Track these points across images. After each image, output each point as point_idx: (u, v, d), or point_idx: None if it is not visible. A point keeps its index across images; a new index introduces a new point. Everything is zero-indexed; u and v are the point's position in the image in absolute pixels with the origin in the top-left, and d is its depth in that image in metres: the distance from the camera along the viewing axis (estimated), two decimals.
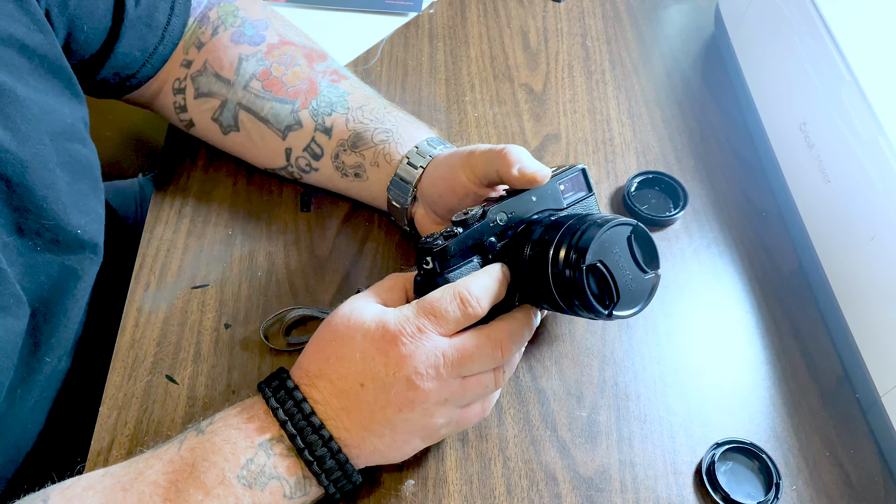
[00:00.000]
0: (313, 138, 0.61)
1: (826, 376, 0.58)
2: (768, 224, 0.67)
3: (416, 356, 0.44)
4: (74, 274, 0.52)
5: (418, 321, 0.45)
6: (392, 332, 0.45)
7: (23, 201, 0.48)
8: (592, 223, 0.45)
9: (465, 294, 0.45)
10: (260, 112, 0.62)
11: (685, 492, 0.52)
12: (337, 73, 0.64)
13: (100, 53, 0.58)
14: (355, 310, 0.47)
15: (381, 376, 0.45)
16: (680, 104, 0.76)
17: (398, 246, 0.64)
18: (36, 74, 0.50)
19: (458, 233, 0.47)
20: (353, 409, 0.45)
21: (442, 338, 0.45)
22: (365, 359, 0.45)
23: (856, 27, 0.61)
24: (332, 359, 0.46)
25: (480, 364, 0.46)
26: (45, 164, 0.49)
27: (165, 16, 0.61)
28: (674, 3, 0.88)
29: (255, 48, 0.63)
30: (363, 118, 0.61)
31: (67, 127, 0.52)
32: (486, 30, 0.83)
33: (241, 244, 0.64)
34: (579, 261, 0.43)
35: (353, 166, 0.61)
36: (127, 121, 1.09)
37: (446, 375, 0.45)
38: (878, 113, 0.55)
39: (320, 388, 0.46)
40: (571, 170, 0.52)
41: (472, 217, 0.48)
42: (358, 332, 0.46)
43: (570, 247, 0.44)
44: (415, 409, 0.45)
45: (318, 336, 0.48)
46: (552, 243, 0.45)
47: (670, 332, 0.60)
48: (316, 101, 0.61)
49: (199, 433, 0.45)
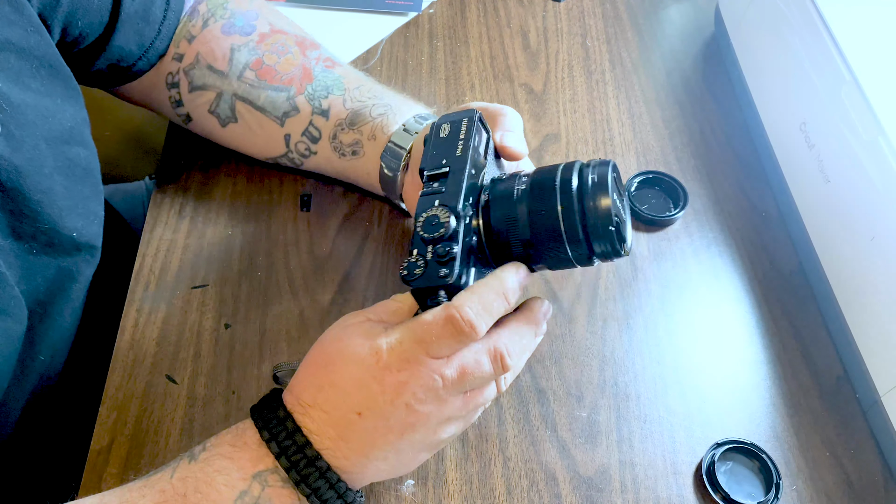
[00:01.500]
0: (311, 122, 0.61)
1: (826, 376, 0.58)
2: (768, 224, 0.67)
3: (412, 382, 0.42)
4: (70, 275, 0.52)
5: (409, 346, 0.42)
6: (385, 360, 0.42)
7: (17, 206, 0.48)
8: (586, 175, 0.43)
9: (458, 319, 0.41)
10: (256, 101, 0.62)
11: (685, 492, 0.52)
12: (331, 60, 0.64)
13: (95, 46, 0.58)
14: (347, 333, 0.44)
15: (378, 404, 0.42)
16: (680, 104, 0.76)
17: (398, 246, 0.64)
18: (35, 77, 0.50)
19: (450, 252, 0.43)
20: (351, 437, 0.43)
21: (438, 360, 0.42)
22: (360, 387, 0.42)
23: (856, 27, 0.61)
24: (326, 387, 0.43)
25: (482, 379, 0.43)
26: (40, 168, 0.49)
27: (161, 10, 0.61)
28: (674, 3, 0.88)
29: (246, 38, 0.63)
30: (361, 97, 0.61)
31: (67, 130, 0.52)
32: (486, 30, 0.83)
33: (241, 244, 0.64)
34: (609, 219, 0.43)
35: (351, 144, 0.61)
36: (127, 121, 1.09)
37: (446, 396, 0.42)
38: (878, 113, 0.55)
39: (314, 418, 0.43)
40: (471, 122, 0.47)
41: (447, 229, 0.43)
42: (351, 359, 0.43)
43: (587, 210, 0.43)
44: (417, 430, 0.43)
45: (311, 360, 0.45)
46: (558, 208, 0.43)
47: (670, 332, 0.60)
48: (311, 86, 0.61)
49: (191, 460, 0.44)
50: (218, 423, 0.54)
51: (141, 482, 0.44)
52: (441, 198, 0.45)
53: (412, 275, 0.43)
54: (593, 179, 0.44)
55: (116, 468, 0.51)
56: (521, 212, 0.45)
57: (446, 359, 0.42)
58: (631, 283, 0.62)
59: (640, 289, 0.62)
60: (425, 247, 0.43)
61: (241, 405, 0.55)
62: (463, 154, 0.46)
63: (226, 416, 0.54)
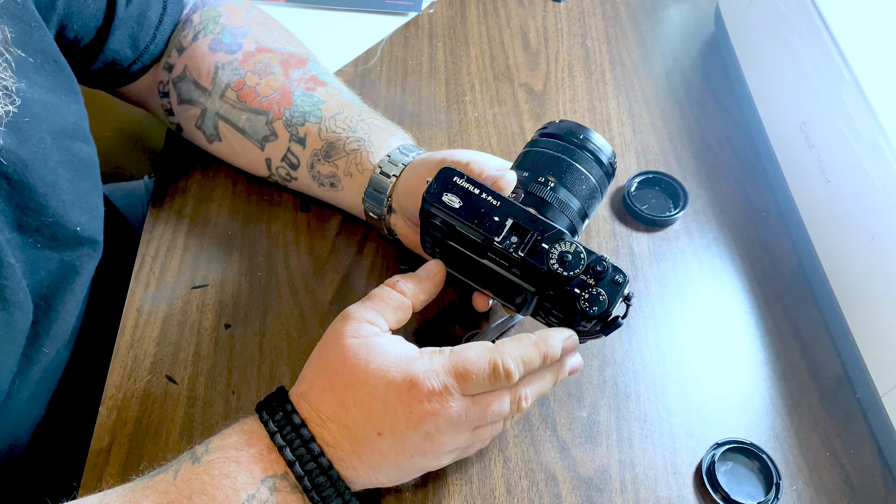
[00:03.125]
0: (289, 148, 0.61)
1: (826, 376, 0.58)
2: (768, 224, 0.67)
3: (440, 414, 0.43)
4: (73, 269, 0.53)
5: (447, 379, 0.43)
6: (419, 388, 0.43)
7: (23, 199, 0.48)
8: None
9: (500, 366, 0.43)
10: (237, 123, 0.62)
11: (685, 492, 0.52)
12: (314, 80, 0.63)
13: (90, 48, 0.58)
14: (377, 351, 0.44)
15: (400, 428, 0.43)
16: (680, 104, 0.76)
17: (398, 246, 0.64)
18: (40, 72, 0.50)
19: (602, 263, 0.45)
20: (364, 453, 0.44)
21: (467, 397, 0.44)
22: (386, 409, 0.43)
23: (856, 27, 0.61)
24: (350, 404, 0.44)
25: (499, 417, 0.45)
26: (45, 162, 0.49)
27: (157, 15, 0.61)
28: (674, 3, 0.88)
29: (231, 56, 0.62)
30: (335, 127, 0.60)
31: (70, 125, 0.52)
32: (486, 30, 0.83)
33: (241, 244, 0.64)
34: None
35: (328, 176, 0.60)
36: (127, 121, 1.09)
37: (463, 429, 0.44)
38: (878, 113, 0.55)
39: (332, 431, 0.44)
40: (461, 176, 0.48)
41: (577, 253, 0.45)
42: (381, 381, 0.43)
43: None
44: (427, 455, 0.45)
45: (332, 372, 0.45)
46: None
47: (670, 332, 0.60)
48: (289, 112, 0.61)
49: (194, 462, 0.44)
50: (218, 423, 0.54)
51: (143, 482, 0.44)
52: (542, 239, 0.46)
53: (606, 311, 0.45)
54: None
55: (116, 468, 0.51)
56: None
57: (474, 397, 0.44)
58: (631, 283, 0.62)
59: (640, 289, 0.62)
60: (580, 281, 0.45)
61: (241, 405, 0.55)
62: (497, 198, 0.47)
63: (226, 416, 0.54)
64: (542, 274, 0.46)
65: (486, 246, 0.47)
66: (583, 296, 0.45)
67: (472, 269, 0.50)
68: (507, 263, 0.47)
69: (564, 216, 0.49)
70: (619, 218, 0.67)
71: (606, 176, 0.52)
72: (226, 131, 0.63)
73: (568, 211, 0.49)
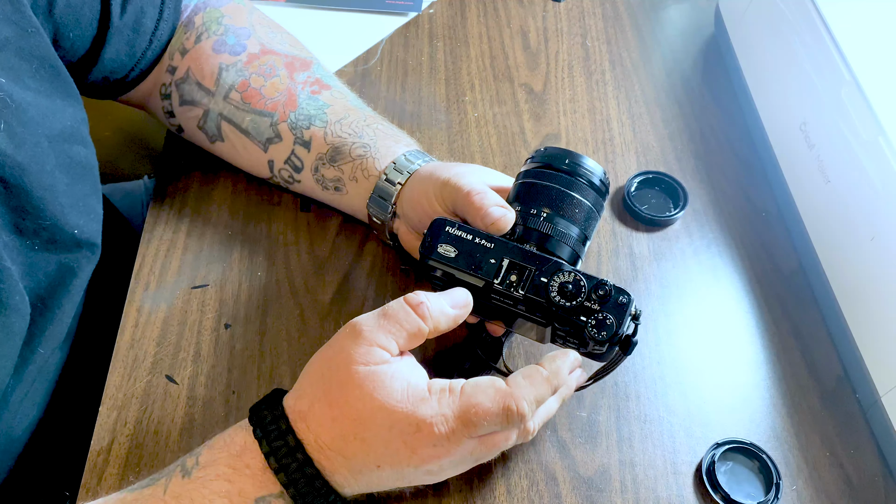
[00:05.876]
0: (293, 151, 0.61)
1: (826, 376, 0.58)
2: (768, 224, 0.67)
3: (445, 456, 0.43)
4: (71, 271, 0.53)
5: (455, 425, 0.42)
6: (425, 433, 0.42)
7: (20, 202, 0.48)
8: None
9: (514, 411, 0.43)
10: (241, 124, 0.62)
11: (685, 492, 0.52)
12: (319, 83, 0.63)
13: (87, 58, 0.58)
14: (384, 385, 0.43)
15: (402, 465, 0.43)
16: (680, 104, 0.76)
17: (398, 250, 0.64)
18: (35, 77, 0.50)
19: (604, 287, 0.45)
20: (362, 479, 0.44)
21: (474, 438, 0.43)
22: (388, 448, 0.42)
23: (856, 27, 0.61)
24: (350, 437, 0.43)
25: (505, 448, 0.46)
26: (42, 166, 0.49)
27: (153, 21, 0.61)
28: (674, 3, 0.88)
29: (235, 58, 0.62)
30: (341, 132, 0.60)
31: (67, 128, 0.52)
32: (486, 30, 0.83)
33: (241, 244, 0.64)
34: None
35: (333, 180, 0.60)
36: (127, 121, 1.09)
37: (468, 464, 0.45)
38: (878, 113, 0.55)
39: (331, 459, 0.43)
40: (452, 224, 0.49)
41: (577, 283, 0.46)
42: (386, 421, 0.42)
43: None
44: (425, 481, 0.46)
45: (334, 399, 0.43)
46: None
47: (670, 332, 0.60)
48: (294, 115, 0.60)
49: (185, 475, 0.43)
50: (218, 423, 0.54)
51: (133, 495, 0.44)
52: (540, 273, 0.47)
53: (615, 333, 0.45)
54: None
55: (116, 468, 0.51)
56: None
57: (482, 437, 0.44)
58: (631, 283, 0.62)
59: (640, 289, 0.62)
60: (585, 308, 0.46)
61: (241, 405, 0.55)
62: (491, 240, 0.48)
63: (226, 416, 0.54)
64: (546, 307, 0.46)
65: (487, 289, 0.48)
66: (590, 322, 0.45)
67: (483, 309, 0.50)
68: (511, 302, 0.48)
69: (565, 245, 0.50)
70: (618, 218, 0.67)
71: (600, 195, 0.52)
72: (228, 132, 0.63)
73: (567, 239, 0.50)
